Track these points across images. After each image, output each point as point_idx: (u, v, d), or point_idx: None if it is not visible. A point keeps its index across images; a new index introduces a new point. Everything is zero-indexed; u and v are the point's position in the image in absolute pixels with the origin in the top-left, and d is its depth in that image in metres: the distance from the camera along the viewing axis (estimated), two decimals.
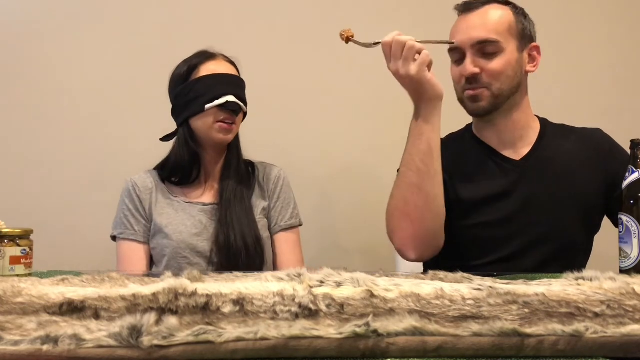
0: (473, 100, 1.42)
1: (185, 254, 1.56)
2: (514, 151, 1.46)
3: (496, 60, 1.38)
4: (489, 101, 1.40)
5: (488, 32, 1.38)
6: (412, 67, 1.26)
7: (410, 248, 1.31)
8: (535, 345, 0.69)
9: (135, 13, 2.09)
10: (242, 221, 1.58)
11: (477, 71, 1.38)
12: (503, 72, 1.38)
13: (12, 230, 1.16)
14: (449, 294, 0.84)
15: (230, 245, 1.55)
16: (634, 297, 0.84)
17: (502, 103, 1.41)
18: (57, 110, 2.07)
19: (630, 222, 1.20)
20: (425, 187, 1.30)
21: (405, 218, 1.32)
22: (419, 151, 1.31)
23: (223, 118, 1.57)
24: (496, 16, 1.40)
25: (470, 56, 1.39)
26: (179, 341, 0.66)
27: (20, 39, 2.07)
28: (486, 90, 1.39)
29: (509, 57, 1.39)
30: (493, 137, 1.48)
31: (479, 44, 1.38)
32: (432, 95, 1.30)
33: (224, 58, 1.65)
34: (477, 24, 1.40)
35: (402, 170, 1.34)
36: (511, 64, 1.39)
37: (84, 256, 1.87)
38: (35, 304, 0.79)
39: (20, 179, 2.04)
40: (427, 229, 1.32)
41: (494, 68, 1.38)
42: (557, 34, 2.14)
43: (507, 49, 1.39)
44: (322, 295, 0.82)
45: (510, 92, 1.41)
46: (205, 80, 1.58)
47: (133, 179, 1.65)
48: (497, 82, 1.39)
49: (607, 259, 1.34)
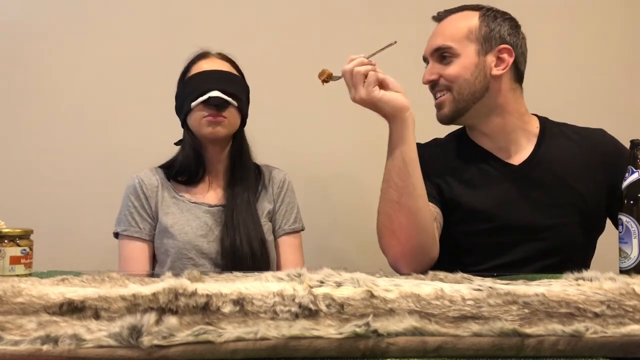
0: (437, 108, 1.45)
1: (191, 255, 1.57)
2: (511, 156, 1.45)
3: (452, 65, 1.41)
4: (450, 107, 1.42)
5: (443, 39, 1.42)
6: (361, 91, 1.28)
7: (402, 264, 1.29)
8: (535, 345, 0.69)
9: (137, 12, 2.09)
10: (248, 225, 1.59)
11: (433, 78, 1.43)
12: (459, 76, 1.40)
13: (12, 230, 1.16)
14: (449, 294, 0.84)
15: (237, 249, 1.56)
16: (634, 297, 0.84)
17: (467, 108, 1.42)
18: (58, 110, 2.07)
19: (630, 223, 1.20)
20: (405, 203, 1.28)
21: (392, 236, 1.30)
22: (395, 166, 1.30)
23: (208, 114, 1.58)
24: (454, 24, 1.44)
25: (430, 64, 1.45)
26: (179, 341, 0.66)
27: (21, 39, 2.07)
28: (449, 95, 1.42)
29: (465, 61, 1.40)
30: (486, 142, 1.47)
31: (435, 51, 1.43)
32: (390, 111, 1.29)
33: (217, 55, 1.65)
34: (437, 34, 1.45)
35: (383, 187, 1.33)
36: (468, 68, 1.40)
37: (84, 256, 1.87)
38: (35, 304, 0.79)
39: (20, 179, 2.04)
40: (415, 245, 1.30)
41: (448, 73, 1.41)
42: (557, 34, 2.14)
43: (462, 54, 1.40)
44: (322, 295, 0.82)
45: (472, 96, 1.41)
46: (194, 79, 1.60)
47: (139, 176, 1.65)
48: (455, 85, 1.40)
49: (608, 260, 1.34)
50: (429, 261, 1.31)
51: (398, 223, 1.29)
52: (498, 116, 1.44)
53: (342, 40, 2.06)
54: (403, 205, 1.29)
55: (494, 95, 1.42)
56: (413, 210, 1.29)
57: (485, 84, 1.41)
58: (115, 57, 2.07)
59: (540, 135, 1.46)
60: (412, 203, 1.29)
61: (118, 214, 1.65)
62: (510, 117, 1.45)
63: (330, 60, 1.33)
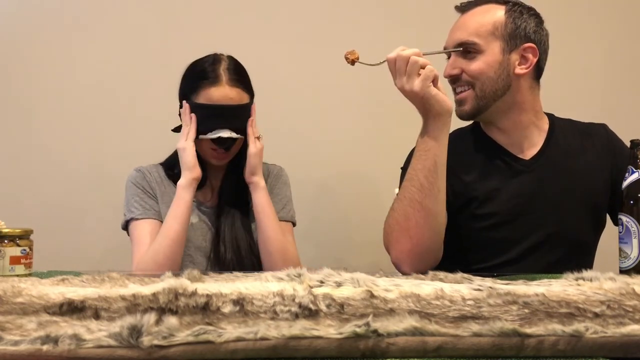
0: (458, 104, 1.43)
1: (190, 252, 1.57)
2: (522, 151, 1.45)
3: (475, 61, 1.38)
4: (472, 104, 1.41)
5: (468, 34, 1.39)
6: (416, 82, 1.25)
7: (406, 263, 1.29)
8: (535, 345, 0.69)
9: (137, 12, 2.09)
10: (237, 232, 1.59)
11: (455, 73, 1.40)
12: (483, 73, 1.38)
13: (12, 230, 1.16)
14: (449, 295, 0.84)
15: (220, 257, 1.56)
16: (634, 297, 0.84)
17: (488, 105, 1.40)
18: (58, 110, 2.07)
19: (630, 223, 1.20)
20: (427, 205, 1.27)
21: (404, 233, 1.29)
22: (424, 167, 1.28)
23: (215, 149, 1.56)
24: (480, 18, 1.41)
25: (452, 57, 1.42)
26: (179, 341, 0.66)
27: (20, 39, 2.07)
28: (471, 91, 1.40)
29: (489, 59, 1.38)
30: (500, 137, 1.46)
31: (458, 45, 1.40)
32: (438, 110, 1.27)
33: (228, 81, 1.56)
34: (460, 26, 1.42)
35: (405, 185, 1.31)
36: (492, 66, 1.38)
37: (84, 256, 1.87)
38: (35, 304, 0.80)
39: (20, 179, 2.04)
40: (425, 246, 1.30)
41: (472, 69, 1.39)
42: (557, 34, 2.13)
43: (487, 50, 1.38)
44: (322, 295, 0.82)
45: (494, 94, 1.39)
46: (201, 110, 1.55)
47: (141, 168, 1.65)
48: (478, 82, 1.38)
49: (608, 260, 1.34)
50: (431, 263, 1.31)
51: (415, 222, 1.28)
52: (515, 113, 1.44)
53: (345, 40, 2.04)
54: (425, 206, 1.28)
55: (514, 93, 1.41)
56: (433, 213, 1.29)
57: (508, 82, 1.40)
58: (115, 57, 2.07)
59: (549, 131, 1.47)
60: (433, 205, 1.28)
61: (126, 205, 1.61)
62: (527, 114, 1.45)
63: (332, 60, 1.34)
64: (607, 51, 2.20)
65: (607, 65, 2.20)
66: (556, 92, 2.07)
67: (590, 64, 2.19)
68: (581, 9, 2.21)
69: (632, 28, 2.22)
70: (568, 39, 2.17)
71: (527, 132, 1.45)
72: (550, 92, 1.49)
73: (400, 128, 1.38)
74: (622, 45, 2.21)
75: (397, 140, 1.40)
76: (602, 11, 2.21)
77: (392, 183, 1.49)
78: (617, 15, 2.21)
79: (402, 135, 1.36)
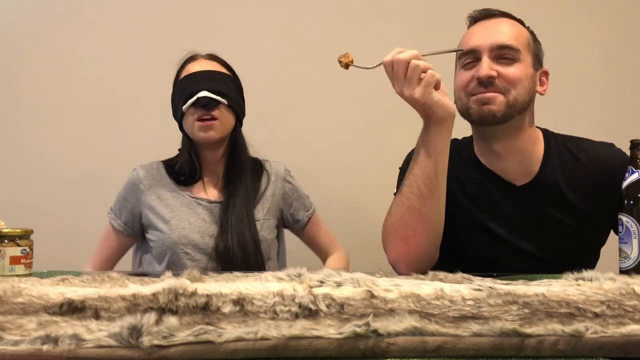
0: (483, 102, 1.31)
1: (187, 250, 1.57)
2: (516, 177, 1.39)
3: (514, 67, 1.32)
4: (501, 108, 1.30)
5: (508, 38, 1.33)
6: (417, 90, 1.18)
7: (402, 265, 1.27)
8: (535, 345, 0.69)
9: (136, 12, 2.09)
10: (243, 225, 1.59)
11: (495, 74, 1.30)
12: (520, 80, 1.31)
13: (12, 230, 1.16)
14: (449, 295, 0.84)
15: (228, 251, 1.56)
16: (634, 297, 0.84)
17: (514, 115, 1.32)
18: (57, 110, 2.07)
19: (630, 223, 1.20)
20: (426, 212, 1.23)
21: (401, 240, 1.26)
22: (424, 174, 1.23)
23: (199, 115, 1.57)
24: (517, 27, 1.37)
25: (487, 59, 1.32)
26: (179, 341, 0.66)
27: (20, 39, 2.07)
28: (501, 96, 1.31)
29: (526, 69, 1.33)
30: (494, 161, 1.40)
31: (499, 48, 1.32)
32: (442, 116, 1.21)
33: (205, 57, 1.64)
34: (499, 29, 1.35)
35: (404, 191, 1.26)
36: (527, 76, 1.33)
37: (84, 256, 1.86)
38: (35, 304, 0.79)
39: (20, 179, 2.04)
40: (422, 251, 1.27)
41: (512, 73, 1.31)
42: (557, 34, 2.14)
43: (524, 60, 1.33)
44: (322, 295, 0.82)
45: (523, 105, 1.33)
46: (182, 82, 1.60)
47: (139, 170, 1.67)
48: (513, 89, 1.31)
49: (608, 260, 1.34)
50: (427, 265, 1.28)
51: (413, 230, 1.25)
52: (521, 135, 1.37)
53: (343, 39, 2.05)
54: (424, 214, 1.24)
55: (529, 114, 1.37)
56: (431, 220, 1.25)
57: (532, 98, 1.36)
58: (115, 57, 2.07)
59: (545, 156, 1.40)
60: (432, 212, 1.25)
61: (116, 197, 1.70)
62: (525, 139, 1.38)
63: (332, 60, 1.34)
64: (607, 51, 2.20)
65: (607, 66, 2.20)
66: (556, 92, 2.08)
67: (590, 64, 2.19)
68: (582, 9, 2.21)
69: (632, 28, 2.22)
70: (568, 39, 2.17)
71: (523, 157, 1.38)
72: (551, 92, 1.49)
73: (401, 129, 1.37)
74: (622, 45, 2.21)
75: (399, 140, 1.40)
76: (602, 12, 2.21)
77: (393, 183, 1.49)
78: (617, 15, 2.21)
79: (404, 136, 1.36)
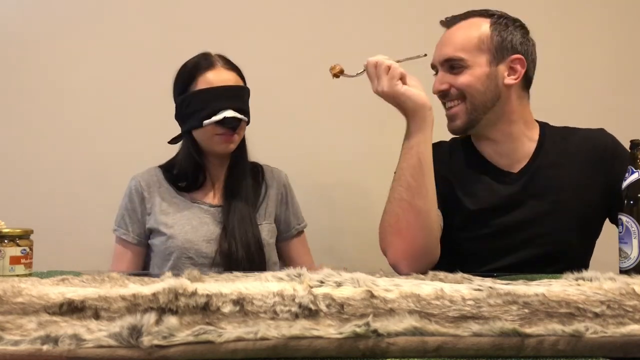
0: (450, 119, 1.44)
1: (190, 255, 1.57)
2: (511, 163, 1.44)
3: (462, 75, 1.39)
4: (463, 119, 1.41)
5: (454, 49, 1.40)
6: (384, 83, 1.28)
7: (402, 264, 1.29)
8: (535, 345, 0.69)
9: (137, 12, 2.09)
10: (246, 228, 1.59)
11: (444, 88, 1.41)
12: (471, 87, 1.38)
13: (12, 230, 1.16)
14: (449, 295, 0.84)
15: (232, 253, 1.56)
16: (634, 297, 0.84)
17: (479, 118, 1.41)
18: (57, 110, 2.06)
19: (630, 223, 1.20)
20: (416, 204, 1.28)
21: (397, 235, 1.30)
22: (409, 166, 1.29)
23: (222, 132, 1.56)
24: (465, 32, 1.41)
25: (440, 73, 1.43)
26: (179, 341, 0.66)
27: (20, 40, 2.06)
28: (462, 105, 1.40)
29: (477, 72, 1.38)
30: (488, 149, 1.46)
31: (445, 61, 1.41)
32: (412, 106, 1.29)
33: (223, 65, 1.60)
34: (446, 42, 1.43)
35: (393, 186, 1.32)
36: (480, 79, 1.38)
37: (84, 256, 1.87)
38: (35, 304, 0.79)
39: (20, 179, 2.04)
40: (419, 246, 1.29)
41: (459, 82, 1.39)
42: (557, 34, 2.14)
43: (474, 65, 1.39)
44: (322, 295, 0.82)
45: (484, 106, 1.39)
46: (202, 95, 1.56)
47: (138, 177, 1.66)
48: (468, 95, 1.39)
49: (608, 260, 1.33)
50: (429, 263, 1.30)
51: (406, 223, 1.28)
52: (505, 123, 1.43)
53: (345, 42, 2.06)
54: (414, 205, 1.28)
55: (503, 104, 1.41)
56: (423, 212, 1.29)
57: (497, 93, 1.40)
58: (114, 58, 2.07)
59: (539, 143, 1.45)
60: (423, 204, 1.29)
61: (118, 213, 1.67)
62: (517, 125, 1.44)
63: (333, 61, 1.35)
64: (607, 51, 2.20)
65: (607, 65, 2.20)
66: (556, 92, 2.08)
67: (590, 64, 2.19)
68: (582, 9, 2.21)
69: (632, 28, 2.22)
70: (568, 39, 2.17)
71: (517, 143, 1.44)
72: (551, 92, 1.49)
73: (401, 131, 1.37)
74: (622, 45, 2.20)
75: (399, 142, 1.40)
76: (602, 12, 2.21)
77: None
78: (618, 15, 2.21)
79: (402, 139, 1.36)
